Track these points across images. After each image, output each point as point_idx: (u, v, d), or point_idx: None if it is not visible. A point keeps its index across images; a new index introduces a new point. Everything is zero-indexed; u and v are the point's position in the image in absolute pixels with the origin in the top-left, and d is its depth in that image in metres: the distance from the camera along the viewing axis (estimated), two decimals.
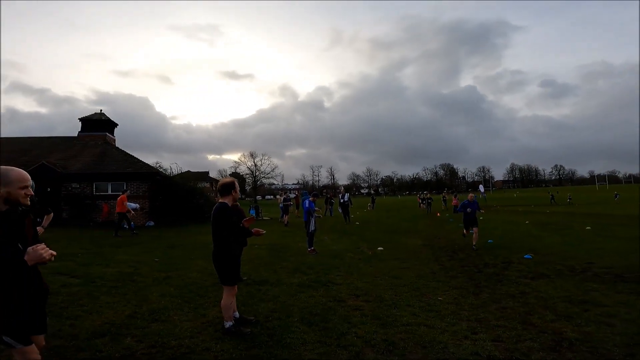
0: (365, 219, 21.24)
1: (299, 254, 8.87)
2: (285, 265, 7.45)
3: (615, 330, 3.55)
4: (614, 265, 6.71)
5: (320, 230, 14.00)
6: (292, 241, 11.07)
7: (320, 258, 8.30)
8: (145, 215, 16.76)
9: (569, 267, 6.74)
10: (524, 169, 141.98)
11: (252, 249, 9.41)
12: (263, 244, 10.42)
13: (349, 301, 4.99)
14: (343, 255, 8.76)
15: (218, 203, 3.76)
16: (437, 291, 5.39)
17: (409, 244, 10.68)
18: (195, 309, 4.58)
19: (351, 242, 11.19)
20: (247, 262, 7.66)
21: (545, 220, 18.26)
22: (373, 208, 35.18)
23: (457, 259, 8.03)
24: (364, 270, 7.10)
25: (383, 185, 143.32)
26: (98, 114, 20.49)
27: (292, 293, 5.38)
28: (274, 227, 15.50)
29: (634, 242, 9.55)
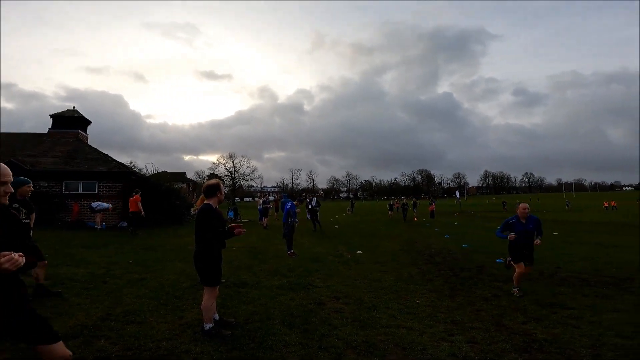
0: (344, 223, 21.38)
1: (278, 256, 8.82)
2: (265, 268, 7.39)
3: (581, 332, 3.75)
4: (581, 270, 7.08)
5: (300, 233, 13.99)
6: (271, 244, 11.00)
7: (299, 261, 8.29)
8: (118, 215, 16.18)
9: (539, 272, 7.04)
10: (496, 176, 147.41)
11: (231, 251, 9.28)
12: (242, 246, 10.30)
13: (330, 304, 5.02)
14: (323, 258, 8.78)
15: (203, 204, 3.73)
16: (415, 294, 5.50)
17: (387, 247, 10.84)
18: (173, 311, 4.47)
19: (330, 245, 11.24)
20: (226, 264, 7.51)
21: None
22: (352, 212, 35.45)
23: (434, 262, 8.23)
24: (343, 273, 7.15)
25: (362, 189, 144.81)
26: (70, 110, 19.65)
27: (272, 295, 5.35)
28: (252, 230, 15.34)
29: (598, 248, 10.12)
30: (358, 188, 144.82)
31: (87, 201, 15.89)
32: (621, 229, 16.76)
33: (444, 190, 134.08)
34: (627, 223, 20.27)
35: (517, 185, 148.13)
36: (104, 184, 16.42)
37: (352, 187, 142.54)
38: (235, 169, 73.66)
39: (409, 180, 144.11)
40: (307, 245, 11.14)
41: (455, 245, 11.11)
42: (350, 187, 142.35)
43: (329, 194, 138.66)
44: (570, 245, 10.90)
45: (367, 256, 9.18)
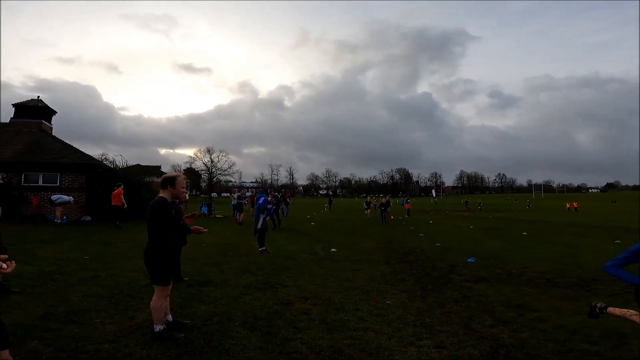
0: (321, 220, 21.24)
1: (250, 253, 8.54)
2: (234, 265, 7.10)
3: (548, 337, 3.70)
4: (547, 270, 7.18)
5: (274, 230, 13.71)
6: (243, 240, 10.67)
7: (271, 258, 8.03)
8: (82, 209, 15.33)
9: (507, 271, 7.10)
10: (471, 176, 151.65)
11: (200, 248, 8.91)
12: (212, 242, 9.93)
13: (297, 304, 4.81)
14: (296, 256, 8.57)
15: (157, 197, 3.43)
16: (386, 294, 5.38)
17: (362, 245, 10.75)
18: (124, 311, 4.14)
19: (305, 242, 11.04)
20: (192, 261, 7.21)
21: (487, 225, 19.44)
22: (330, 209, 35.41)
23: (407, 261, 8.17)
24: (315, 271, 6.96)
25: (341, 186, 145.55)
26: (34, 100, 18.46)
27: (236, 295, 5.09)
28: (226, 225, 14.93)
29: (566, 248, 10.40)
30: (337, 185, 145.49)
31: (47, 194, 14.93)
32: (586, 230, 17.42)
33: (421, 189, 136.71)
34: (591, 224, 21.15)
35: (490, 185, 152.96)
36: (67, 176, 15.48)
37: (332, 184, 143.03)
38: (213, 164, 71.98)
39: (387, 178, 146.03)
40: (282, 242, 10.89)
41: (428, 244, 11.15)
42: (329, 184, 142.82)
43: (309, 191, 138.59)
44: (537, 245, 11.17)
45: (341, 254, 9.04)
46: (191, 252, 8.36)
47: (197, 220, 17.83)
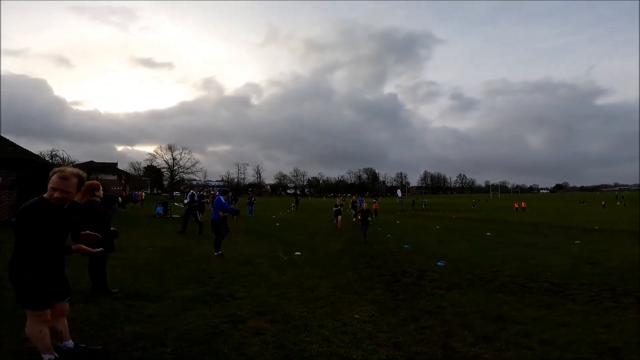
0: (286, 220, 20.47)
1: (203, 259, 7.63)
2: (179, 274, 6.20)
3: (536, 355, 3.24)
4: (518, 274, 6.93)
5: (235, 232, 12.78)
6: (198, 243, 9.69)
7: (226, 264, 7.19)
8: (11, 209, 13.50)
9: (478, 276, 6.76)
10: (434, 176, 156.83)
11: (143, 252, 7.89)
12: (160, 245, 8.90)
13: (250, 321, 4.08)
14: (255, 261, 7.78)
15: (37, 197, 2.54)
16: (354, 306, 4.77)
17: (328, 248, 10.14)
18: (17, 332, 3.20)
19: (267, 245, 10.25)
20: (130, 268, 6.23)
21: (452, 226, 19.61)
22: (297, 209, 34.68)
23: (375, 266, 7.64)
24: (275, 279, 6.24)
25: (309, 186, 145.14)
26: None
27: (175, 311, 4.26)
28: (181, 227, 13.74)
29: (529, 249, 10.39)
30: (305, 184, 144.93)
31: None
32: (542, 229, 17.98)
33: (387, 188, 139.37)
34: (543, 224, 22.01)
35: (452, 185, 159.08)
36: None
37: (300, 184, 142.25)
38: (175, 162, 68.66)
39: (355, 178, 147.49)
40: (241, 245, 10.03)
41: (396, 246, 10.77)
42: (297, 183, 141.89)
43: (276, 190, 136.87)
44: (502, 246, 11.13)
45: (305, 258, 8.36)
46: (131, 257, 7.34)
47: (153, 221, 16.53)
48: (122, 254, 7.53)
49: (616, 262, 8.13)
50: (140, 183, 73.18)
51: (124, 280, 5.46)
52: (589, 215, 31.20)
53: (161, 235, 11.22)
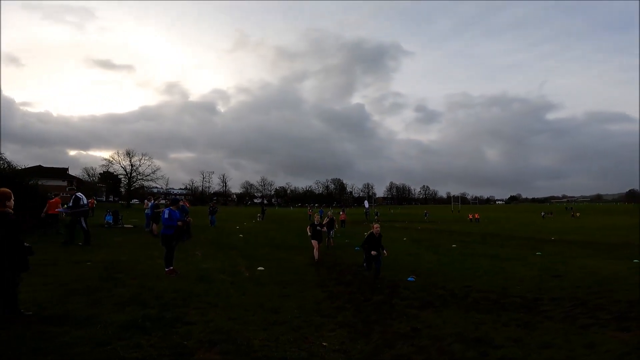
0: (251, 231, 19.59)
1: (151, 275, 6.78)
2: (119, 293, 5.36)
3: None
4: (489, 289, 6.74)
5: (193, 243, 11.87)
6: (148, 257, 8.73)
7: (179, 282, 6.41)
8: None
9: (450, 292, 6.49)
10: (400, 187, 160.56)
11: (79, 268, 6.92)
12: (102, 259, 7.89)
13: (198, 353, 3.46)
14: (213, 277, 7.05)
15: None
16: (322, 330, 4.26)
17: (294, 262, 9.56)
18: None
19: (228, 259, 9.48)
20: (57, 286, 5.34)
21: (418, 237, 19.66)
22: (263, 219, 33.68)
23: (344, 282, 7.17)
24: (234, 299, 5.59)
25: (277, 195, 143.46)
26: None
27: (102, 339, 3.53)
28: (132, 238, 12.56)
29: (495, 261, 10.39)
30: (273, 194, 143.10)
31: None
32: (501, 240, 18.43)
33: (354, 199, 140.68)
34: (499, 234, 22.74)
35: (416, 197, 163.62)
36: None
37: (267, 193, 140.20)
38: (134, 168, 64.88)
39: (323, 188, 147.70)
40: (199, 258, 9.19)
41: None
42: (264, 192, 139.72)
43: (243, 199, 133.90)
44: (469, 258, 11.09)
45: (269, 273, 7.74)
46: (61, 273, 6.36)
47: (100, 231, 15.05)
48: (50, 269, 6.53)
49: (578, 274, 8.22)
50: (94, 190, 68.44)
51: (46, 301, 4.58)
52: (540, 226, 32.85)
53: (106, 247, 10.08)
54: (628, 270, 8.39)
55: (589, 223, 34.51)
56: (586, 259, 10.78)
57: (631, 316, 4.73)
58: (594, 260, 10.35)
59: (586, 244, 15.94)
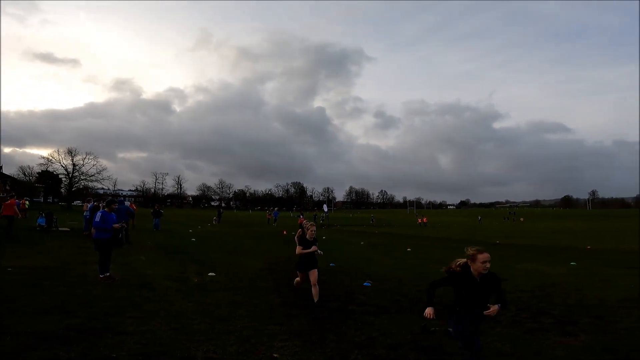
0: (205, 235, 18.71)
1: (82, 282, 6.09)
2: (41, 301, 4.71)
3: None
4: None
5: (139, 247, 11.01)
6: (81, 262, 7.88)
7: (115, 289, 5.80)
8: None
9: (405, 297, 6.48)
10: (359, 191, 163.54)
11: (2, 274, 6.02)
12: (27, 265, 7.00)
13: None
14: (156, 283, 6.48)
15: None
16: (274, 340, 3.97)
17: (248, 267, 9.14)
18: None
19: (176, 264, 8.84)
20: None
21: (375, 241, 19.96)
22: (219, 222, 32.49)
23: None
24: (178, 307, 5.13)
25: (236, 198, 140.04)
26: None
27: (12, 349, 2.97)
28: (67, 242, 11.38)
29: (445, 265, 10.69)
30: (231, 197, 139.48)
31: None
32: (450, 244, 19.25)
33: (314, 203, 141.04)
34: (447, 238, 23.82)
35: (375, 201, 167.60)
36: None
37: (225, 196, 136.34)
38: (76, 167, 59.78)
39: (283, 191, 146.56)
40: (142, 263, 8.47)
41: (322, 264, 10.18)
42: (222, 195, 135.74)
43: (199, 202, 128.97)
44: (423, 263, 11.33)
45: (221, 279, 7.28)
46: None
47: (31, 235, 13.51)
48: None
49: (522, 278, 8.65)
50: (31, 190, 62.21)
51: None
52: (486, 230, 34.96)
53: (34, 252, 8.99)
54: (567, 273, 8.99)
55: (530, 227, 37.26)
56: (528, 262, 11.46)
57: (571, 320, 4.97)
58: (536, 263, 11.02)
59: (528, 247, 17.05)
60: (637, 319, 5.00)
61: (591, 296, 6.40)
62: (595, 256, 12.76)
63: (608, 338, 4.21)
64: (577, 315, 5.24)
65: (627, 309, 5.52)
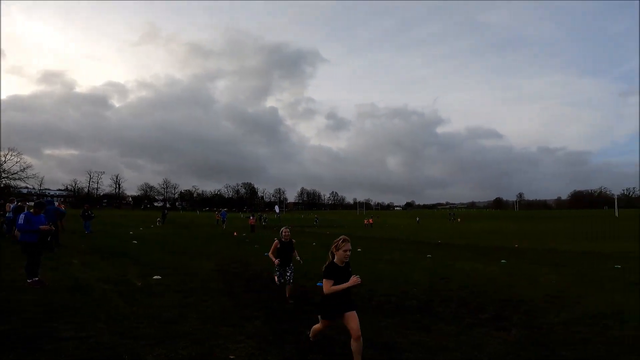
0: (148, 237, 17.58)
1: (11, 286, 5.42)
2: None
3: None
4: (390, 292, 7.12)
5: (72, 250, 10.06)
6: (3, 266, 7.01)
7: (46, 294, 5.25)
8: None
9: (357, 296, 6.64)
10: (311, 193, 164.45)
11: None
12: None
13: None
14: (93, 287, 6.00)
15: None
16: (229, 343, 3.88)
17: (198, 269, 8.78)
18: None
19: (116, 267, 8.22)
20: None
21: (327, 242, 20.21)
22: (163, 223, 30.71)
23: (254, 290, 6.81)
24: (121, 310, 4.80)
25: (182, 199, 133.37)
26: None
27: None
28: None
29: (397, 266, 11.19)
30: (177, 197, 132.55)
31: None
32: (400, 244, 20.16)
33: (266, 204, 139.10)
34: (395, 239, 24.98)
35: (326, 202, 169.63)
36: None
37: (170, 196, 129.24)
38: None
39: (233, 192, 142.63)
40: (75, 267, 7.75)
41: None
42: (167, 195, 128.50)
43: (141, 202, 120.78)
44: (372, 263, 11.74)
45: (168, 282, 6.92)
46: None
47: None
48: None
49: (462, 276, 9.34)
50: None
51: None
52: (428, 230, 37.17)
53: None
54: (499, 271, 9.87)
55: (467, 228, 40.24)
56: (465, 261, 12.39)
57: (505, 315, 5.46)
58: (472, 262, 11.95)
59: (465, 247, 18.41)
60: (557, 314, 5.57)
61: (520, 293, 7.06)
62: (522, 255, 14.16)
63: (535, 332, 4.65)
64: (509, 311, 5.72)
65: (550, 304, 6.16)
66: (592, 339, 4.33)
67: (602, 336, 4.41)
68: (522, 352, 3.98)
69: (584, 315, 5.34)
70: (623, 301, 6.14)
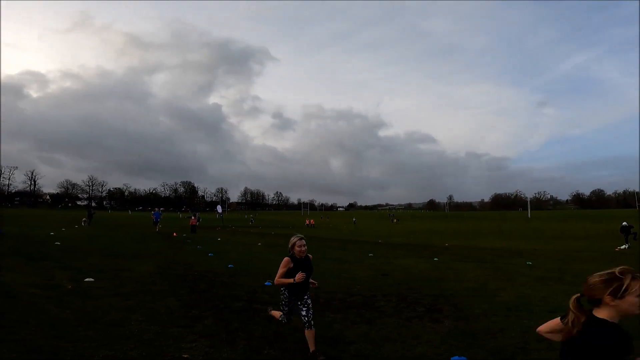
0: (73, 239, 15.99)
1: None
2: None
3: None
4: (336, 289, 7.47)
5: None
6: None
7: None
8: None
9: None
10: (254, 192, 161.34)
11: None
12: None
13: None
14: (16, 291, 5.45)
15: None
16: (181, 342, 3.84)
17: (137, 271, 8.31)
18: None
19: (39, 271, 7.47)
20: None
21: (272, 242, 20.21)
22: (90, 224, 27.99)
23: (200, 290, 6.67)
24: (53, 314, 4.48)
25: (110, 197, 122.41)
26: None
27: None
28: None
29: (340, 264, 11.64)
30: (104, 196, 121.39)
31: None
32: (345, 244, 20.90)
33: (206, 203, 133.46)
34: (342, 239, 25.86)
35: (270, 202, 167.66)
36: None
37: (97, 195, 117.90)
38: None
39: (170, 191, 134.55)
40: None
41: (220, 266, 9.96)
42: (93, 194, 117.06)
43: (61, 201, 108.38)
44: (320, 262, 12.06)
45: (104, 285, 6.49)
46: None
47: None
48: None
49: (400, 272, 10.07)
50: None
51: None
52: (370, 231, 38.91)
53: None
54: (431, 267, 10.80)
55: (404, 227, 42.86)
56: (403, 259, 13.32)
57: (437, 308, 6.04)
58: (408, 259, 12.88)
59: (402, 245, 19.69)
60: (479, 306, 6.22)
61: (449, 287, 7.84)
62: (452, 252, 15.59)
63: (464, 323, 5.20)
64: (441, 304, 6.33)
65: (473, 297, 6.93)
66: (508, 327, 4.93)
67: (516, 325, 5.06)
68: (453, 341, 4.45)
69: (500, 307, 6.08)
70: (532, 293, 7.12)
